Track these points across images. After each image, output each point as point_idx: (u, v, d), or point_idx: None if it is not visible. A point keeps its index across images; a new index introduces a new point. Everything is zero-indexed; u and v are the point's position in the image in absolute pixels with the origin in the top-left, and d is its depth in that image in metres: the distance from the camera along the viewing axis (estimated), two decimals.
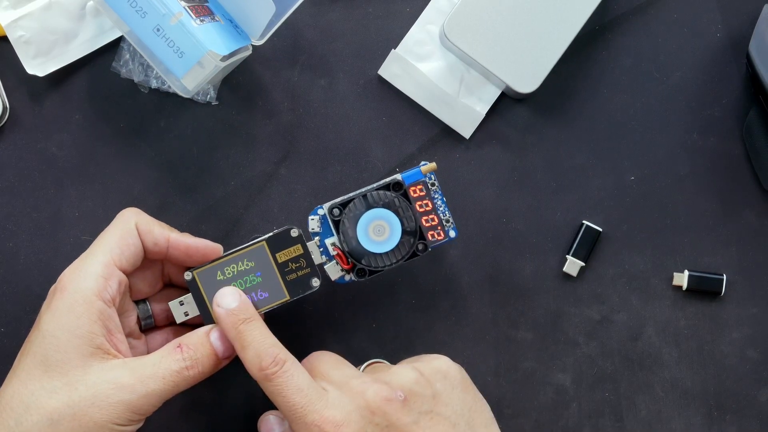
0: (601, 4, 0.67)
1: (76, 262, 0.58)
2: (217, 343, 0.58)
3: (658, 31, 0.70)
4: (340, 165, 0.69)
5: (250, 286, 0.60)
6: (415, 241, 0.61)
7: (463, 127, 0.69)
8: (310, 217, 0.61)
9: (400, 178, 0.61)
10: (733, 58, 0.70)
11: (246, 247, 0.61)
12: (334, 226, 0.61)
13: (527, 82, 0.67)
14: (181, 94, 0.63)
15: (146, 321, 0.62)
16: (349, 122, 0.69)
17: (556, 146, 0.69)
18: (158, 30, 0.61)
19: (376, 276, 0.62)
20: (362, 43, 0.70)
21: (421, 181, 0.62)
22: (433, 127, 0.69)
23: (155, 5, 0.60)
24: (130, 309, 0.61)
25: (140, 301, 0.62)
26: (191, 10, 0.61)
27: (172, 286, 0.64)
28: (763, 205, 0.69)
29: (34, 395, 0.54)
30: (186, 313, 0.61)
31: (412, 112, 0.69)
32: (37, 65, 0.67)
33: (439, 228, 0.62)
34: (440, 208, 0.62)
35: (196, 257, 0.60)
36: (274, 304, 0.61)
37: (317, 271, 0.61)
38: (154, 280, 0.63)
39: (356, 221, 0.61)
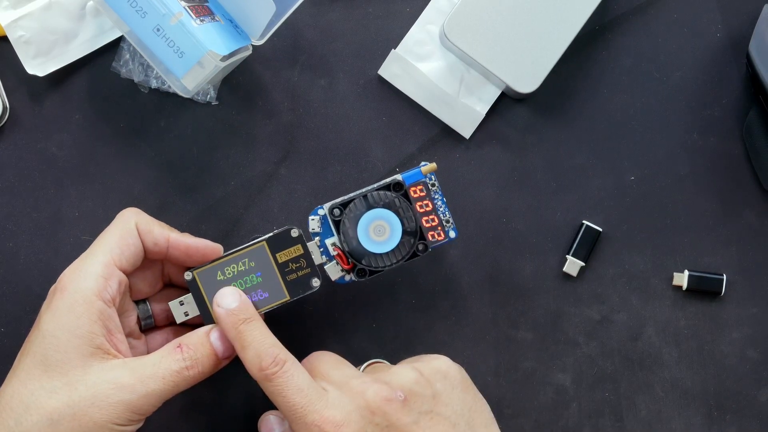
0: (601, 4, 0.67)
1: (76, 262, 0.58)
2: (217, 343, 0.58)
3: (658, 31, 0.70)
4: (340, 165, 0.69)
5: (251, 286, 0.60)
6: (415, 242, 0.61)
7: (463, 127, 0.69)
8: (310, 217, 0.61)
9: (401, 178, 0.61)
10: (733, 58, 0.70)
11: (246, 247, 0.61)
12: (335, 227, 0.61)
13: (527, 82, 0.67)
14: (181, 94, 0.63)
15: (146, 321, 0.62)
16: (349, 122, 0.69)
17: (556, 146, 0.69)
18: (158, 30, 0.61)
19: (376, 276, 0.62)
20: (362, 43, 0.70)
21: (422, 182, 0.62)
22: (433, 127, 0.69)
23: (155, 5, 0.60)
24: (130, 309, 0.61)
25: (140, 301, 0.62)
26: (191, 10, 0.61)
27: (172, 286, 0.64)
28: (763, 205, 0.69)
29: (33, 395, 0.54)
30: (186, 313, 0.61)
31: (412, 112, 0.69)
32: (37, 65, 0.67)
33: (439, 228, 0.62)
34: (440, 209, 0.62)
35: (196, 257, 0.60)
36: (275, 304, 0.61)
37: (317, 271, 0.61)
38: (154, 280, 0.63)
39: (357, 221, 0.61)
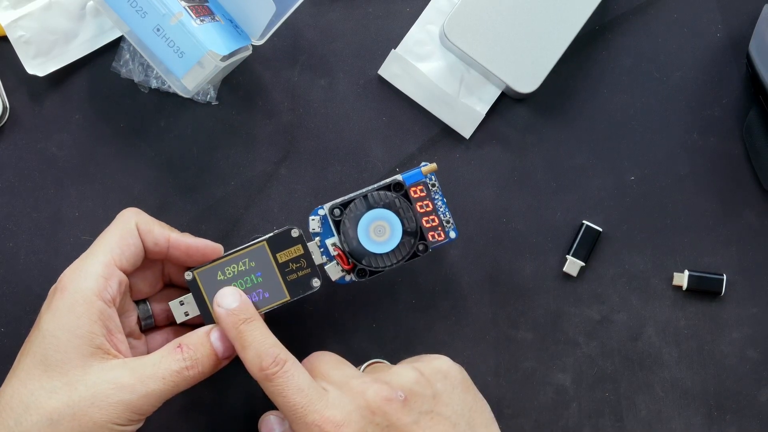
0: (601, 4, 0.67)
1: (77, 262, 0.58)
2: (217, 343, 0.58)
3: (658, 31, 0.70)
4: (340, 165, 0.69)
5: (251, 286, 0.60)
6: (415, 242, 0.61)
7: (463, 127, 0.69)
8: (310, 218, 0.61)
9: (401, 178, 0.61)
10: (733, 58, 0.70)
11: (246, 247, 0.61)
12: (335, 227, 0.61)
13: (527, 82, 0.67)
14: (181, 94, 0.63)
15: (146, 321, 0.62)
16: (349, 122, 0.69)
17: (556, 146, 0.69)
18: (158, 30, 0.61)
19: (377, 276, 0.62)
20: (362, 43, 0.70)
21: (422, 182, 0.62)
22: (433, 127, 0.69)
23: (155, 5, 0.60)
24: (131, 309, 0.61)
25: (140, 301, 0.62)
26: (191, 10, 0.61)
27: (172, 286, 0.64)
28: (763, 205, 0.69)
29: (33, 395, 0.54)
30: (186, 313, 0.61)
31: (412, 112, 0.69)
32: (37, 65, 0.67)
33: (439, 229, 0.62)
34: (441, 209, 0.62)
35: (197, 257, 0.60)
36: (275, 305, 0.61)
37: (318, 271, 0.61)
38: (155, 280, 0.63)
39: (357, 221, 0.61)
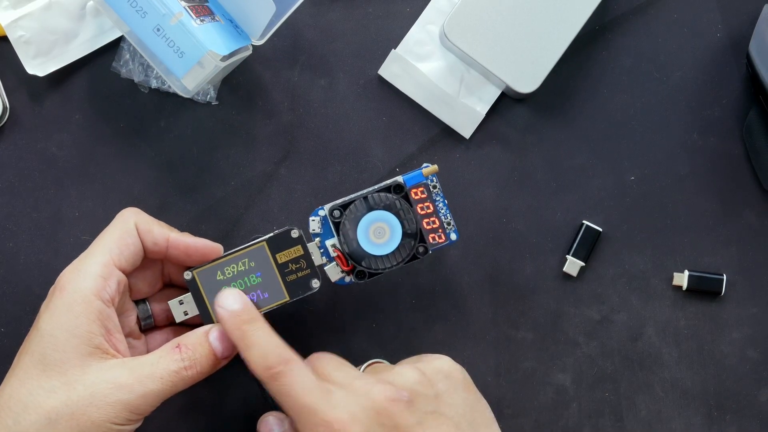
0: (601, 4, 0.67)
1: (75, 262, 0.58)
2: (216, 343, 0.58)
3: (658, 31, 0.70)
4: (341, 165, 0.69)
5: (250, 287, 0.60)
6: (415, 244, 0.61)
7: (464, 127, 0.69)
8: (310, 218, 0.61)
9: (401, 180, 0.61)
10: (733, 58, 0.70)
11: (246, 247, 0.61)
12: (335, 228, 0.61)
13: (527, 82, 0.67)
14: (181, 94, 0.63)
15: (146, 321, 0.62)
16: (349, 122, 0.69)
17: (556, 146, 0.69)
18: (158, 30, 0.61)
19: (377, 277, 0.62)
20: (362, 43, 0.70)
21: (423, 184, 0.62)
22: (433, 127, 0.69)
23: (155, 5, 0.60)
24: (130, 309, 0.61)
25: (140, 301, 0.62)
26: (191, 10, 0.61)
27: (172, 285, 0.64)
28: (763, 205, 0.69)
29: (32, 394, 0.54)
30: (185, 313, 0.61)
31: (412, 112, 0.69)
32: (37, 65, 0.67)
33: (440, 231, 0.62)
34: (441, 211, 0.62)
35: (196, 257, 0.60)
36: (274, 305, 0.61)
37: (317, 272, 0.61)
38: (154, 280, 0.63)
39: (357, 223, 0.61)
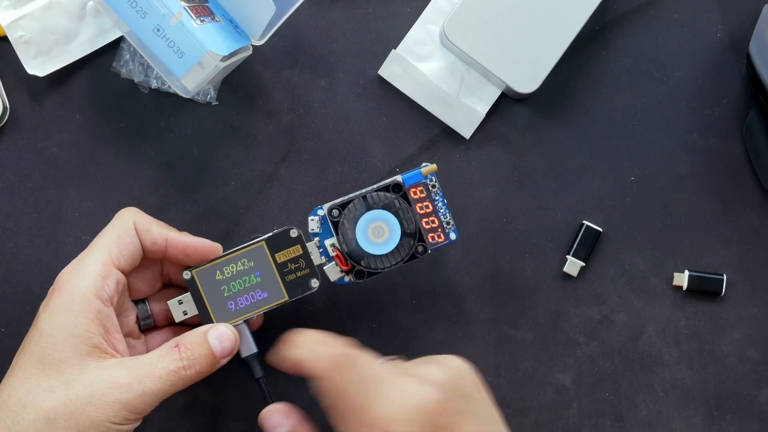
0: (601, 4, 0.67)
1: (74, 262, 0.58)
2: (215, 343, 0.58)
3: (659, 31, 0.70)
4: (340, 165, 0.69)
5: (249, 286, 0.60)
6: (414, 243, 0.61)
7: (464, 127, 0.69)
8: (309, 218, 0.61)
9: (400, 179, 0.61)
10: (733, 58, 0.70)
11: (245, 247, 0.61)
12: (334, 227, 0.61)
13: (527, 82, 0.67)
14: (181, 94, 0.63)
15: (145, 321, 0.62)
16: (349, 122, 0.69)
17: (556, 146, 0.69)
18: (158, 30, 0.61)
19: (376, 277, 0.62)
20: (362, 43, 0.70)
21: (422, 183, 0.62)
22: (433, 127, 0.69)
23: (155, 5, 0.60)
24: (130, 309, 0.61)
25: (139, 301, 0.62)
26: (191, 11, 0.61)
27: (172, 285, 0.64)
28: (764, 205, 0.69)
29: (31, 394, 0.54)
30: (185, 312, 0.61)
31: (413, 112, 0.69)
32: (38, 65, 0.67)
33: (439, 230, 0.62)
34: (441, 210, 0.62)
35: (195, 256, 0.60)
36: (273, 305, 0.61)
37: (316, 271, 0.61)
38: (154, 280, 0.63)
39: (355, 222, 0.61)
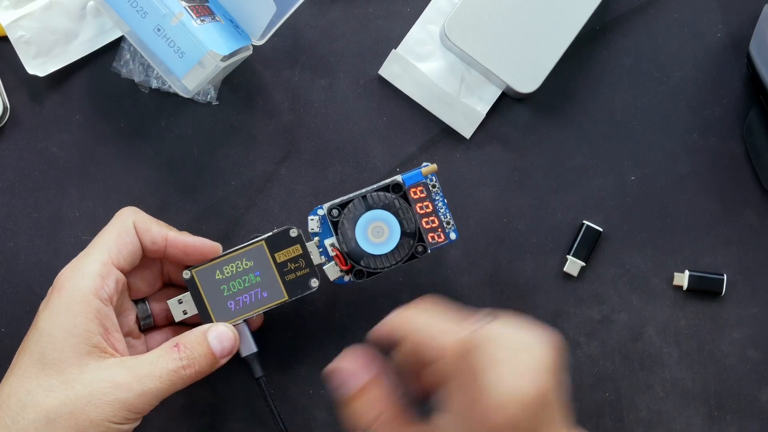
0: (601, 4, 0.67)
1: (74, 261, 0.58)
2: (215, 343, 0.58)
3: (659, 31, 0.70)
4: (341, 165, 0.69)
5: (249, 286, 0.60)
6: (414, 243, 0.61)
7: (464, 127, 0.69)
8: (309, 217, 0.61)
9: (400, 179, 0.61)
10: (733, 58, 0.70)
11: (245, 247, 0.61)
12: (333, 227, 0.61)
13: (528, 82, 0.67)
14: (181, 94, 0.63)
15: (145, 320, 0.62)
16: (349, 122, 0.69)
17: (556, 146, 0.69)
18: (159, 30, 0.61)
19: (376, 277, 0.62)
20: (363, 43, 0.70)
21: (422, 183, 0.62)
22: (433, 127, 0.69)
23: (156, 5, 0.60)
24: (129, 308, 0.61)
25: (139, 301, 0.62)
26: (192, 10, 0.61)
27: (172, 285, 0.64)
28: (764, 205, 0.69)
29: (30, 393, 0.54)
30: (185, 312, 0.61)
31: (413, 112, 0.69)
32: (38, 65, 0.67)
33: (439, 230, 0.62)
34: (441, 210, 0.62)
35: (195, 256, 0.60)
36: (273, 304, 0.61)
37: (316, 271, 0.61)
38: (153, 280, 0.63)
39: (355, 222, 0.61)
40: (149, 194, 0.68)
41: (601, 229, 0.68)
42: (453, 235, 0.62)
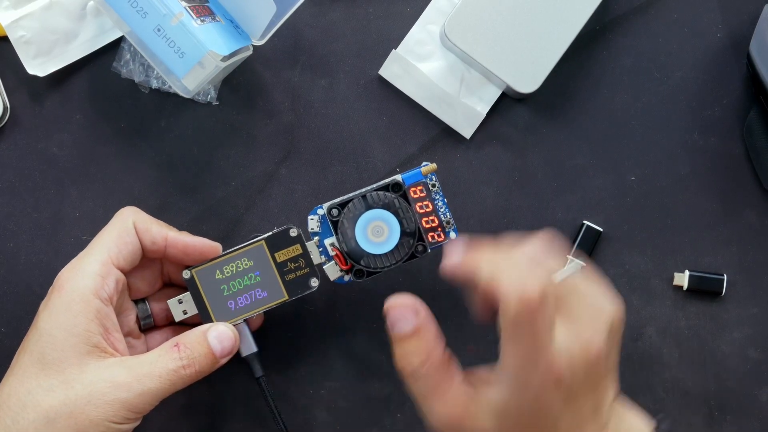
0: (601, 4, 0.67)
1: (74, 261, 0.58)
2: (215, 342, 0.58)
3: (659, 31, 0.70)
4: (341, 165, 0.69)
5: (249, 285, 0.60)
6: (414, 243, 0.61)
7: (464, 127, 0.69)
8: (309, 217, 0.61)
9: (400, 179, 0.61)
10: (733, 58, 0.70)
11: (245, 246, 0.61)
12: (333, 227, 0.61)
13: (528, 82, 0.67)
14: (181, 94, 0.63)
15: (145, 320, 0.62)
16: (349, 122, 0.69)
17: (556, 146, 0.69)
18: (159, 30, 0.61)
19: (376, 276, 0.62)
20: (363, 43, 0.70)
21: (422, 182, 0.62)
22: (433, 127, 0.69)
23: (156, 5, 0.60)
24: (130, 308, 0.61)
25: (139, 301, 0.62)
26: (192, 10, 0.61)
27: (172, 285, 0.64)
28: (764, 205, 0.69)
29: (30, 393, 0.54)
30: (185, 312, 0.61)
31: (413, 112, 0.69)
32: (38, 65, 0.67)
33: (439, 230, 0.62)
34: (441, 210, 0.62)
35: (194, 256, 0.60)
36: (273, 304, 0.61)
37: (316, 271, 0.61)
38: (153, 280, 0.63)
39: (355, 222, 0.61)
40: (149, 194, 0.68)
41: (601, 229, 0.68)
42: (453, 235, 0.62)
